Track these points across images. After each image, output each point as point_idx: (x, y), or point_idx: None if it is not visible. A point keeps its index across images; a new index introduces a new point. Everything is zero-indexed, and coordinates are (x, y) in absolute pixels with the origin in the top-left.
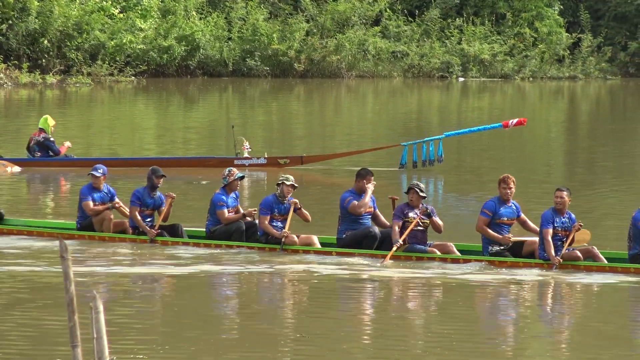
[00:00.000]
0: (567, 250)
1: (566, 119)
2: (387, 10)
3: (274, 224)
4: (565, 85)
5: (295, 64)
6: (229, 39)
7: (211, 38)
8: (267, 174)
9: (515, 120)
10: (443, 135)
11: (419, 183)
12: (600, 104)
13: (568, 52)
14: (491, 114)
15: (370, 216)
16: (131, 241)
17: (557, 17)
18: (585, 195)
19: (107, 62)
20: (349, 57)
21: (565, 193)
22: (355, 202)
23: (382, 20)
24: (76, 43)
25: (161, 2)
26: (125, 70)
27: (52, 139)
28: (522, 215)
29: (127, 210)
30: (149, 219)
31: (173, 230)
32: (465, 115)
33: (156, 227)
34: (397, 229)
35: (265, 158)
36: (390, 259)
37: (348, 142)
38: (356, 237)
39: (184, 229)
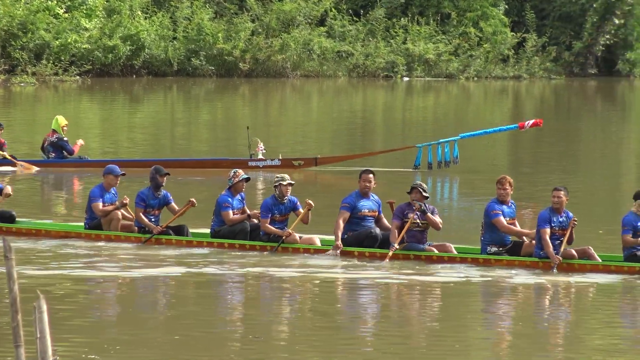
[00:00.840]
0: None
1: (510, 119)
2: (332, 10)
3: (276, 225)
4: (510, 84)
5: (240, 64)
6: (174, 38)
7: (156, 38)
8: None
9: (531, 122)
10: (458, 137)
11: (422, 183)
12: (545, 104)
13: (513, 51)
14: (436, 114)
15: (373, 219)
16: (136, 240)
17: (502, 16)
18: (529, 192)
19: (52, 62)
20: (294, 57)
21: (562, 192)
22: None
23: (327, 20)
24: (21, 42)
25: (106, 1)
26: (70, 69)
27: (65, 138)
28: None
29: (132, 213)
30: (154, 220)
31: (179, 231)
32: (409, 115)
33: (163, 226)
34: (395, 229)
35: (279, 159)
36: (389, 259)
37: (293, 143)
38: (358, 237)
39: (190, 230)
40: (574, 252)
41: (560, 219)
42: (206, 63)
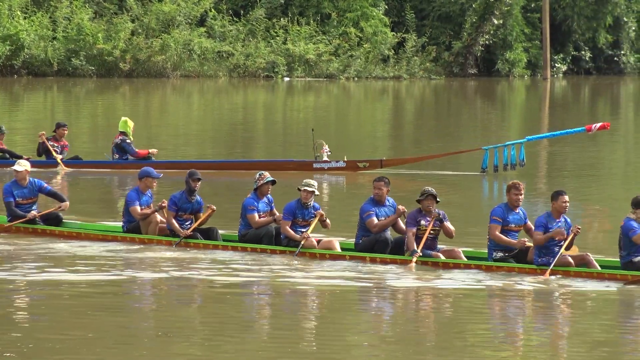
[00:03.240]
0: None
1: (391, 118)
2: (212, 10)
3: (297, 229)
4: (390, 85)
5: (120, 64)
6: (54, 38)
7: (36, 37)
8: (345, 177)
9: (598, 125)
10: (525, 139)
11: (432, 189)
12: (425, 103)
13: (393, 52)
14: (316, 114)
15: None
16: (167, 244)
17: (382, 16)
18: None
19: None
20: (175, 57)
21: (566, 197)
22: (375, 221)
23: (207, 20)
24: None
25: None
26: None
27: (128, 140)
28: (528, 222)
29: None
30: (187, 223)
31: (209, 234)
32: (290, 115)
33: (190, 229)
34: (411, 236)
35: (344, 161)
36: (413, 265)
37: (175, 144)
38: (370, 242)
39: (220, 232)
40: (570, 259)
41: (558, 224)
42: (86, 63)
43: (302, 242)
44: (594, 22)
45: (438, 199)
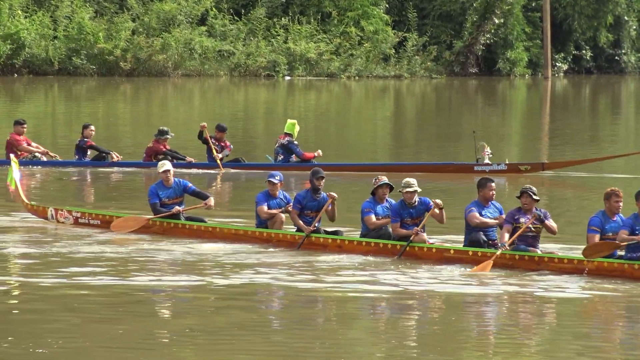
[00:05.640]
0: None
1: (392, 116)
2: (213, 9)
3: (407, 228)
4: (391, 84)
5: (121, 63)
6: (55, 37)
7: (37, 37)
8: (506, 180)
9: None
10: None
11: (531, 187)
12: (426, 103)
13: (394, 51)
14: (317, 111)
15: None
16: (292, 239)
17: (383, 15)
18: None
19: None
20: (175, 56)
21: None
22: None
23: (208, 19)
24: None
25: None
26: None
27: (295, 142)
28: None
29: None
30: (312, 221)
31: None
32: (291, 113)
33: (312, 226)
34: (506, 233)
35: (505, 164)
36: (494, 258)
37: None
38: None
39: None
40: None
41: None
42: (87, 62)
43: (411, 238)
44: (595, 21)
45: (537, 197)
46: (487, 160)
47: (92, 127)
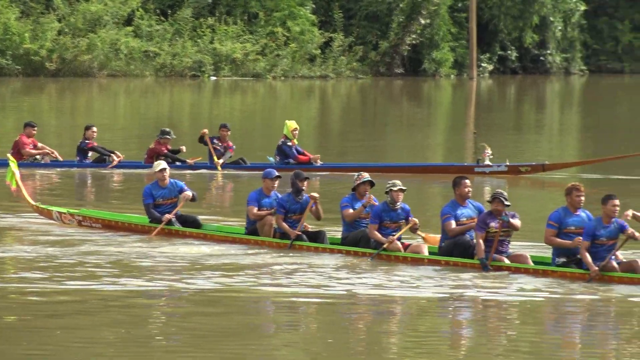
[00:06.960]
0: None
1: (318, 116)
2: (140, 9)
3: (388, 232)
4: (317, 84)
5: (47, 64)
6: None
7: None
8: (507, 181)
9: None
10: None
11: (502, 192)
12: (351, 102)
13: (320, 51)
14: (243, 112)
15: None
16: (277, 246)
17: (310, 15)
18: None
19: None
20: (101, 57)
21: (617, 201)
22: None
23: (134, 19)
24: None
25: None
26: None
27: (289, 143)
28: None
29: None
30: (297, 224)
31: (316, 236)
32: (217, 114)
33: (298, 229)
34: (481, 242)
35: (506, 165)
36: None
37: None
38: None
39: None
40: (615, 264)
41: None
42: (12, 62)
43: (384, 246)
44: (521, 21)
45: (508, 203)
46: (487, 162)
47: (94, 128)
